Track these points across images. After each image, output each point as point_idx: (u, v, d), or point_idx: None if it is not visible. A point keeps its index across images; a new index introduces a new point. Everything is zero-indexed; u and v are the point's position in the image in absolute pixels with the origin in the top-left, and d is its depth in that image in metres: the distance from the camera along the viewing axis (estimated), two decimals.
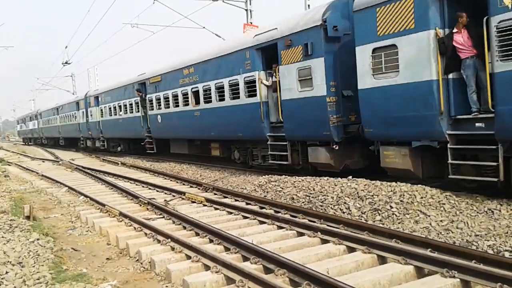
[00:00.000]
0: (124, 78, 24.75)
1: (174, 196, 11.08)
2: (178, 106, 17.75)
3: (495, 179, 7.43)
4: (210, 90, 15.19)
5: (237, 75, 13.66)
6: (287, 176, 11.12)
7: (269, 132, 12.78)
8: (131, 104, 22.98)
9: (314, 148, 11.41)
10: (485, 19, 7.27)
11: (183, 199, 10.65)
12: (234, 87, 13.91)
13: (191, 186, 12.59)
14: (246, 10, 20.79)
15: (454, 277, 4.72)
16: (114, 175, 16.17)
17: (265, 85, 12.61)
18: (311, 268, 4.89)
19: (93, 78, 45.83)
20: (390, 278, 4.97)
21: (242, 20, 21.03)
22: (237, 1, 20.83)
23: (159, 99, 19.43)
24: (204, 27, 22.20)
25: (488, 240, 6.13)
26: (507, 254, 5.62)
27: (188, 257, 5.96)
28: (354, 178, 9.57)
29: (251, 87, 13.12)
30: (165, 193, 11.61)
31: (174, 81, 17.89)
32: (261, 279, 4.76)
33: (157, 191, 12.15)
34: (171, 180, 14.28)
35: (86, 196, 11.57)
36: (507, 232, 6.28)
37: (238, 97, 13.76)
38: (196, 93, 16.23)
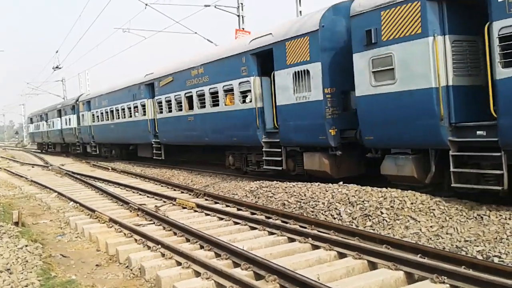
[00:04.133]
0: None
1: (164, 202, 11.02)
2: None
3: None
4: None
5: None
6: (278, 182, 11.11)
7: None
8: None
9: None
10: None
11: (174, 205, 10.59)
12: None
13: (182, 192, 12.54)
14: (238, 16, 20.86)
15: (444, 282, 4.74)
16: (104, 180, 16.07)
17: None
18: (302, 274, 4.89)
19: (84, 83, 45.55)
20: (380, 283, 4.99)
21: (234, 26, 21.06)
22: (229, 7, 20.91)
23: None
24: (196, 33, 22.24)
25: (477, 246, 6.18)
26: (496, 260, 5.65)
27: (179, 264, 5.92)
28: (345, 184, 9.60)
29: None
30: (156, 199, 11.55)
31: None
32: (251, 285, 4.76)
33: (148, 197, 12.09)
34: (162, 186, 14.22)
35: (75, 202, 11.47)
36: (496, 238, 6.33)
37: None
38: None
